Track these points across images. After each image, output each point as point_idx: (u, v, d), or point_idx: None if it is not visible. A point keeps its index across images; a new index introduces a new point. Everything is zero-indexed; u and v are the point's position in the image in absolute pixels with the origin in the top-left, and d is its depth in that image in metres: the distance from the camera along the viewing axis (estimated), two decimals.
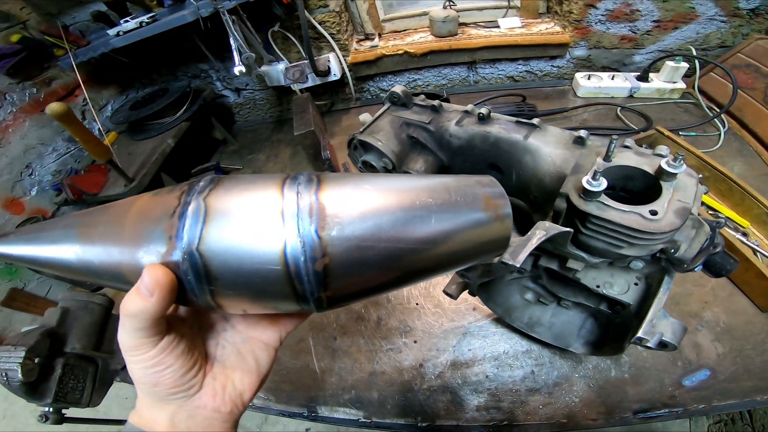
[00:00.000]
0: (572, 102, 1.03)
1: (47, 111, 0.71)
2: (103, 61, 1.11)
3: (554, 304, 0.51)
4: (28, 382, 0.65)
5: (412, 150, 0.70)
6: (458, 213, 0.26)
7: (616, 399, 0.49)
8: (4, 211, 0.94)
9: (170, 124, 1.04)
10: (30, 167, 1.01)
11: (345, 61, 1.11)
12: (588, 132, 0.55)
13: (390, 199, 0.25)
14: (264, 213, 0.23)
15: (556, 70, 1.15)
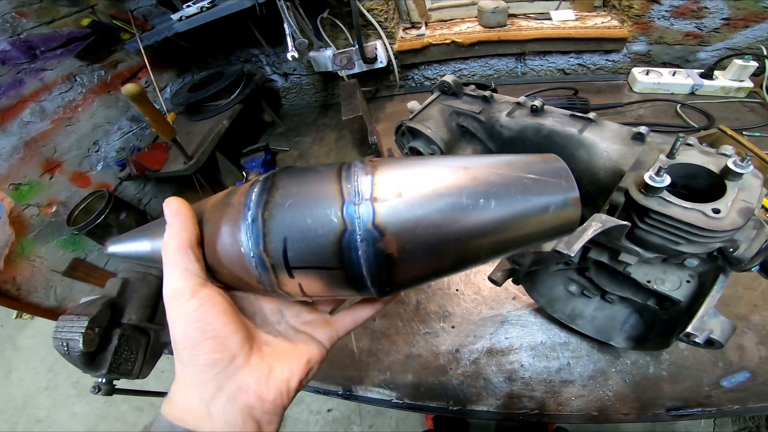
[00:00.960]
0: (627, 97, 0.99)
1: (123, 91, 0.78)
2: (163, 45, 1.18)
3: (598, 298, 0.51)
4: (87, 353, 0.66)
5: (461, 139, 0.71)
6: (529, 195, 0.24)
7: (651, 396, 0.49)
8: (72, 184, 1.03)
9: (225, 106, 1.10)
10: (97, 144, 1.10)
11: (391, 48, 1.12)
12: (648, 128, 0.54)
13: (454, 179, 0.24)
14: (323, 190, 0.24)
15: (611, 65, 1.11)
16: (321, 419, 1.58)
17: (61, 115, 1.01)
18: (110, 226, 0.95)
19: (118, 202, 0.97)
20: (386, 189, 0.23)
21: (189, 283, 0.24)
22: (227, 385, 0.24)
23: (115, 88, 1.15)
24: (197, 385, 0.24)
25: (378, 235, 0.22)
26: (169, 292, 0.24)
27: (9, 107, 0.90)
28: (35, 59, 0.94)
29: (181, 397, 0.24)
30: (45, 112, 0.97)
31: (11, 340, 2.64)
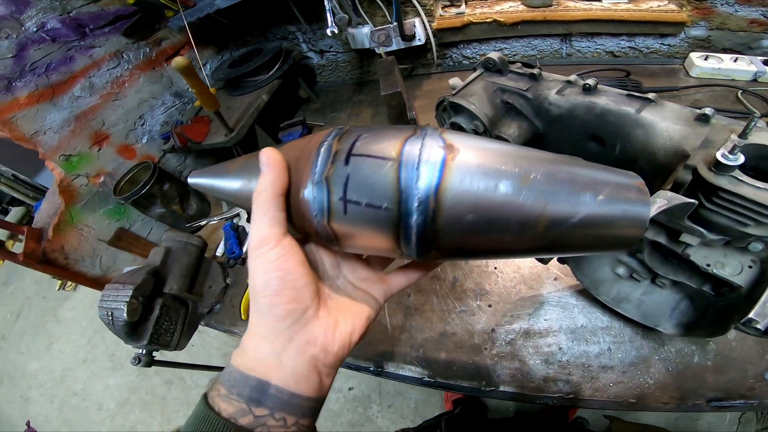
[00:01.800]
0: (684, 81, 0.93)
1: (172, 64, 0.80)
2: (204, 22, 1.20)
3: (647, 282, 0.49)
4: (131, 322, 0.66)
5: (505, 115, 0.69)
6: (607, 203, 0.23)
7: (693, 385, 0.48)
8: (118, 155, 1.08)
9: (264, 82, 1.11)
10: (142, 118, 1.14)
11: (430, 26, 1.10)
12: (713, 110, 0.51)
13: (525, 163, 0.23)
14: (393, 134, 0.24)
15: (665, 48, 1.04)
16: (342, 397, 1.63)
17: (108, 91, 1.05)
18: (154, 196, 0.99)
19: (162, 174, 1.01)
20: (461, 152, 0.23)
21: (275, 231, 0.25)
22: (298, 336, 0.25)
23: (159, 65, 1.19)
24: (271, 336, 0.25)
25: (435, 193, 0.22)
26: (256, 238, 0.25)
27: (60, 83, 0.94)
28: (84, 37, 0.98)
29: (254, 347, 0.26)
30: (94, 87, 1.01)
31: (53, 312, 2.75)
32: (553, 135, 0.67)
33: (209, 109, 0.89)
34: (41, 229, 0.93)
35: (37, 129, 0.90)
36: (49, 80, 0.91)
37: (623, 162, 0.59)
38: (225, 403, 0.25)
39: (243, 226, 0.97)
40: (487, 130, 0.68)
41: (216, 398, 0.25)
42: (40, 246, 0.90)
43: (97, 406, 2.09)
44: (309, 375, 0.25)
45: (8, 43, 0.84)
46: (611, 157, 0.61)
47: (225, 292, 0.88)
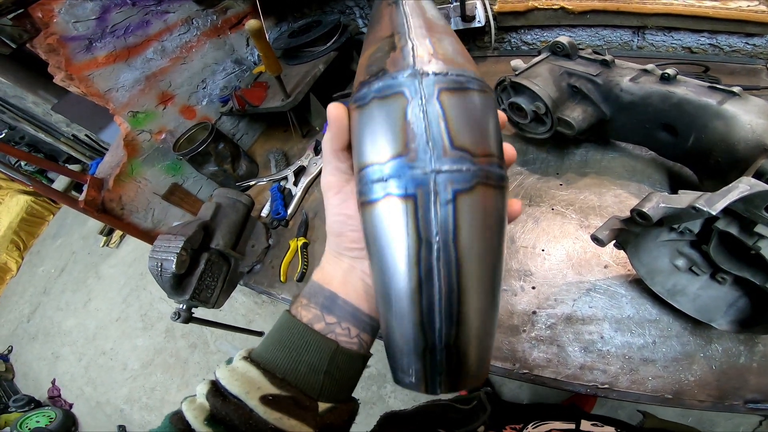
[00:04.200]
0: (765, 82, 0.86)
1: (246, 27, 0.83)
2: None
3: (707, 276, 0.47)
4: (178, 275, 0.66)
5: (570, 99, 0.68)
6: None
7: (734, 385, 0.46)
8: (180, 115, 1.14)
9: (321, 53, 1.13)
10: (204, 82, 1.20)
11: (491, 9, 1.07)
12: None
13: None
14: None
15: (750, 48, 0.97)
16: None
17: (178, 55, 1.10)
18: (209, 154, 1.05)
19: (218, 134, 1.06)
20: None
21: (336, 179, 0.29)
22: (358, 264, 0.30)
23: (223, 32, 1.24)
24: (336, 261, 0.31)
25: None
26: (323, 184, 0.30)
27: (136, 45, 1.00)
28: (161, 2, 1.03)
29: (329, 268, 0.31)
30: (165, 50, 1.07)
31: (95, 269, 2.78)
32: (621, 122, 0.65)
33: (272, 73, 0.92)
34: (103, 179, 1.00)
35: (111, 87, 0.96)
36: (126, 42, 0.97)
37: (697, 153, 0.56)
38: (305, 310, 0.30)
39: (289, 188, 1.00)
40: (549, 112, 0.67)
41: (298, 308, 0.30)
42: (100, 195, 0.97)
43: (122, 366, 2.14)
44: (365, 297, 0.30)
45: (93, 5, 0.89)
46: (683, 147, 0.59)
47: (266, 253, 0.92)
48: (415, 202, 0.21)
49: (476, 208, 0.22)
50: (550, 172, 0.75)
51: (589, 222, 0.64)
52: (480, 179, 0.22)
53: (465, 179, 0.21)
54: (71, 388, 2.20)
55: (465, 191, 0.21)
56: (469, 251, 0.22)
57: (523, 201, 0.72)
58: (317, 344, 0.28)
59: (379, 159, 0.22)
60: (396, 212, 0.22)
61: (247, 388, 0.27)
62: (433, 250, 0.21)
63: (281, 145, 1.21)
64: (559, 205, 0.68)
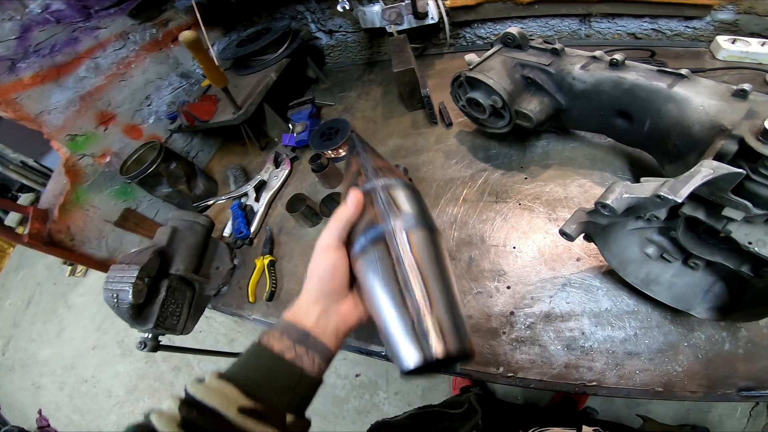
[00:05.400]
0: (710, 64, 0.89)
1: (180, 38, 0.77)
2: (211, 3, 1.17)
3: (679, 263, 0.47)
4: (136, 305, 0.63)
5: (525, 90, 0.66)
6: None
7: (723, 374, 0.45)
8: (124, 135, 1.06)
9: (272, 61, 1.08)
10: (149, 98, 1.12)
11: (443, 4, 1.06)
12: (751, 86, 0.49)
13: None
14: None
15: (690, 31, 1.00)
16: (348, 384, 1.62)
17: (114, 71, 1.03)
18: (161, 175, 0.97)
19: (169, 153, 0.99)
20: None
21: (338, 242, 0.39)
22: (331, 309, 0.39)
23: (166, 46, 1.17)
24: (314, 306, 0.38)
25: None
26: (325, 242, 0.39)
27: (65, 63, 0.92)
28: (90, 18, 0.96)
29: (304, 309, 0.39)
30: (99, 68, 0.99)
31: (64, 298, 2.71)
32: (577, 110, 0.64)
33: (217, 86, 0.87)
34: (47, 209, 0.91)
35: (42, 109, 0.88)
36: (54, 61, 0.90)
37: (654, 137, 0.56)
38: (278, 342, 0.36)
39: (251, 205, 0.94)
40: (506, 105, 0.65)
41: (271, 340, 0.36)
42: (45, 227, 0.88)
43: (106, 393, 2.09)
44: (332, 334, 0.38)
45: (11, 25, 0.82)
46: (640, 133, 0.58)
47: (232, 274, 0.87)
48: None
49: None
50: (514, 166, 0.73)
51: (557, 214, 0.63)
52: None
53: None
54: (59, 417, 2.14)
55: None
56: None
57: (489, 198, 0.70)
58: (287, 370, 0.35)
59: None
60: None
61: (224, 402, 0.32)
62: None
63: (239, 159, 1.15)
64: (526, 199, 0.67)
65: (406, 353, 0.33)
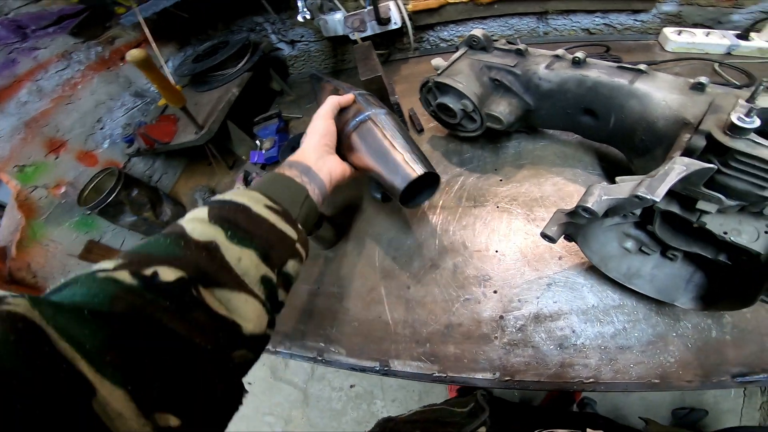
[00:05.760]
0: (660, 56, 0.93)
1: (128, 57, 0.72)
2: (161, 17, 1.11)
3: (657, 255, 0.48)
4: None
5: (494, 93, 0.67)
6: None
7: (715, 361, 0.46)
8: (78, 163, 0.98)
9: (233, 75, 1.04)
10: (101, 122, 1.05)
11: (405, 9, 1.06)
12: (708, 79, 0.50)
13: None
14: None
15: (639, 24, 1.05)
16: (344, 395, 1.58)
17: (60, 94, 0.96)
18: (122, 203, 0.91)
19: (129, 179, 0.93)
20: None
21: (331, 114, 0.56)
22: (325, 157, 0.53)
23: (114, 64, 1.10)
24: (314, 152, 0.52)
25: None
26: (321, 113, 0.56)
27: (3, 88, 0.85)
28: (26, 38, 0.89)
29: (306, 153, 0.52)
30: (42, 91, 0.92)
31: None
32: (545, 110, 0.65)
33: (174, 105, 0.82)
34: (3, 247, 0.85)
35: None
36: None
37: (620, 133, 0.57)
38: (288, 171, 0.48)
39: None
40: (477, 109, 0.65)
41: (282, 169, 0.48)
42: (5, 265, 0.83)
43: None
44: (326, 175, 0.51)
45: None
46: (606, 129, 0.60)
47: None
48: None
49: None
50: (489, 168, 0.74)
51: (535, 214, 0.64)
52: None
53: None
54: None
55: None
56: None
57: (467, 203, 0.70)
58: (297, 187, 0.46)
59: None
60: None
61: (253, 200, 0.38)
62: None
63: (207, 180, 1.09)
64: (503, 201, 0.67)
65: (404, 176, 0.53)
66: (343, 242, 0.74)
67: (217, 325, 0.28)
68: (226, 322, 0.29)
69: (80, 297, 0.25)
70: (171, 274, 0.27)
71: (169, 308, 0.26)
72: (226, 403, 0.28)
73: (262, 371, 1.72)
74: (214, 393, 0.26)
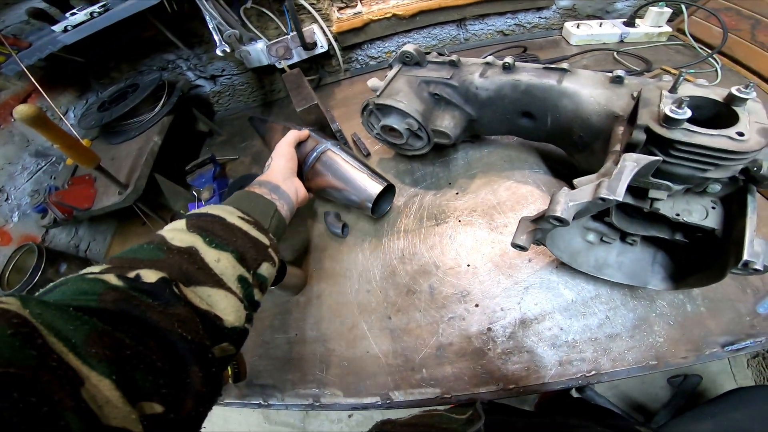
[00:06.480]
0: (568, 50, 1.02)
1: (15, 115, 0.61)
2: (51, 64, 0.99)
3: (618, 242, 0.50)
4: None
5: (435, 107, 0.67)
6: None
7: (700, 334, 0.48)
8: None
9: (150, 121, 0.94)
10: (4, 191, 0.90)
11: (330, 31, 1.04)
12: (625, 71, 0.54)
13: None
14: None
15: (543, 21, 1.14)
16: (344, 426, 1.49)
17: None
18: (51, 281, 0.77)
19: (52, 254, 0.79)
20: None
21: (294, 143, 0.64)
22: (290, 179, 0.58)
23: (4, 121, 0.94)
24: (281, 173, 0.57)
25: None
26: (286, 141, 0.63)
27: None
28: None
29: (273, 174, 0.57)
30: None
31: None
32: (486, 118, 0.66)
33: (87, 166, 0.71)
34: None
35: None
36: None
37: (558, 132, 0.60)
38: (258, 189, 0.52)
39: None
40: (422, 126, 0.65)
41: (254, 188, 0.52)
42: None
43: None
44: (293, 194, 0.57)
45: None
46: (544, 129, 0.62)
47: None
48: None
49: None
50: (443, 183, 0.74)
51: (496, 222, 0.65)
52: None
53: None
54: None
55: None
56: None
57: (429, 222, 0.69)
58: (267, 202, 0.50)
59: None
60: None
61: (227, 212, 0.42)
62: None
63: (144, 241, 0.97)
64: (464, 214, 0.67)
65: (372, 189, 0.65)
66: (314, 284, 0.69)
67: (199, 318, 0.31)
68: (208, 315, 0.32)
69: (68, 295, 0.27)
70: (153, 275, 0.30)
71: (152, 304, 0.28)
72: (207, 394, 0.29)
73: (255, 417, 1.58)
74: (196, 383, 0.28)
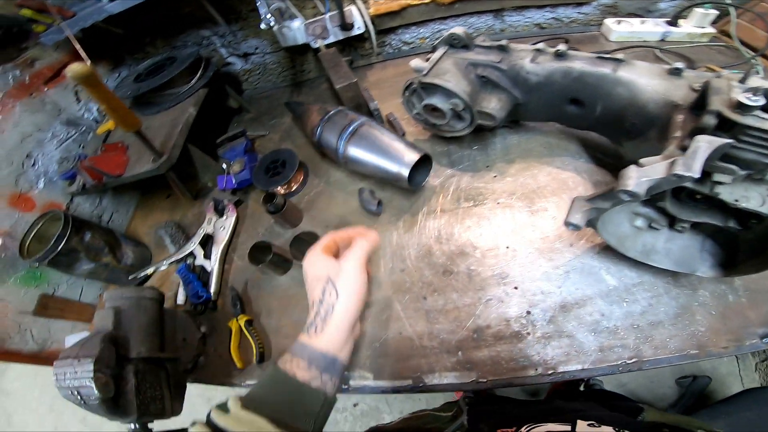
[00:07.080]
0: (608, 46, 1.01)
1: (68, 73, 0.61)
2: (89, 35, 0.99)
3: (666, 229, 0.50)
4: (106, 399, 0.56)
5: (482, 89, 0.67)
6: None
7: (740, 324, 0.48)
8: (12, 209, 0.84)
9: (186, 93, 0.95)
10: (31, 157, 0.91)
11: (367, 13, 1.04)
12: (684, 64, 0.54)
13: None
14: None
15: (582, 17, 1.13)
16: (349, 415, 1.51)
17: None
18: (76, 251, 0.78)
19: (78, 222, 0.80)
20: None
21: (365, 263, 0.45)
22: (356, 325, 0.43)
23: (37, 90, 0.95)
24: (345, 331, 0.41)
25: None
26: (357, 264, 0.43)
27: None
28: None
29: (331, 338, 0.40)
30: None
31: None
32: (533, 103, 0.66)
33: (128, 129, 0.71)
34: None
35: None
36: None
37: (607, 119, 0.60)
38: (304, 372, 0.38)
39: (201, 264, 0.81)
40: (468, 107, 0.65)
41: (295, 369, 0.38)
42: None
43: None
44: (349, 350, 0.43)
45: None
46: (592, 117, 0.62)
47: (205, 342, 0.74)
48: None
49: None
50: (480, 166, 0.74)
51: (536, 206, 0.65)
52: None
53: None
54: None
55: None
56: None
57: (466, 203, 0.69)
58: (313, 397, 0.38)
59: None
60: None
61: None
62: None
63: (169, 215, 0.98)
64: (502, 197, 0.68)
65: (409, 157, 0.65)
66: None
67: None
68: None
69: None
70: None
71: None
72: None
73: None
74: None
